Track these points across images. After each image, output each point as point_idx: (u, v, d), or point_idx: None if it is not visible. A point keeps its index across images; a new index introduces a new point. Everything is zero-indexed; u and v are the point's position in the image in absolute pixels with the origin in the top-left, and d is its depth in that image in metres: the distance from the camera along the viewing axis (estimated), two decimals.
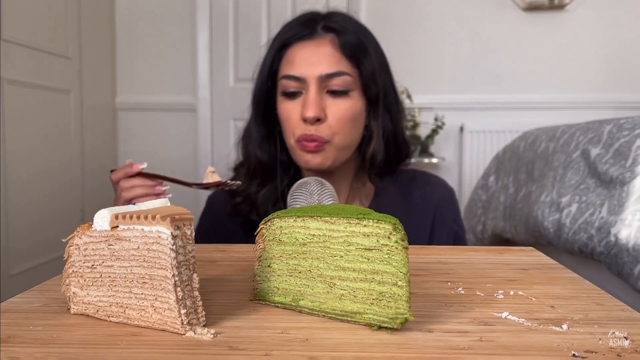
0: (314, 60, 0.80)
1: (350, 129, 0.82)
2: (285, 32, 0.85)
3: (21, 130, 1.99)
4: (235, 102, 2.73)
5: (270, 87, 0.86)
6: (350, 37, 0.82)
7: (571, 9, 2.57)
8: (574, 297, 0.45)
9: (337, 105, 0.80)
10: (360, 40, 0.83)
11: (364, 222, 0.38)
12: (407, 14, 2.62)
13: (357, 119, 0.83)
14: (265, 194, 0.86)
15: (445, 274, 0.52)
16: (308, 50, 0.81)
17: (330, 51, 0.81)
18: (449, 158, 2.64)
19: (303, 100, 0.80)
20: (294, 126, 0.82)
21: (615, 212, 1.09)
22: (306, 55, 0.81)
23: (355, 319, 0.38)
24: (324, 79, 0.80)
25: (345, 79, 0.80)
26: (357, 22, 0.86)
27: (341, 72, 0.80)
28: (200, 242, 0.88)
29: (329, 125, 0.80)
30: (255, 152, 0.88)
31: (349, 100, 0.81)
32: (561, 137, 1.45)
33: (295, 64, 0.81)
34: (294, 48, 0.83)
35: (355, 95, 0.82)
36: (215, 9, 2.71)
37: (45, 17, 2.17)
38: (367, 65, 0.82)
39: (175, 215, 0.36)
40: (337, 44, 0.81)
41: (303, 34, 0.83)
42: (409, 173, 0.94)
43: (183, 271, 0.36)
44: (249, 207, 0.87)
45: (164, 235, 0.35)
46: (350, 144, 0.84)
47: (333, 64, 0.80)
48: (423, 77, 2.56)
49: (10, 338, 0.35)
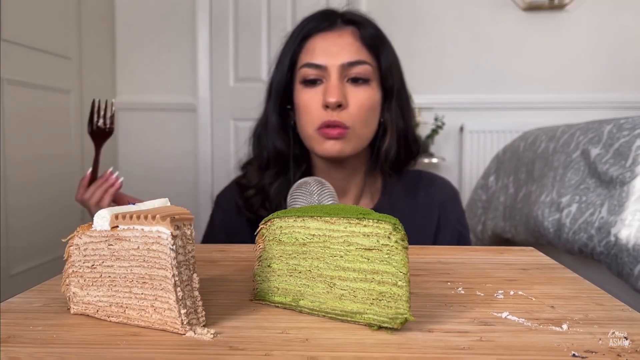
0: (335, 50, 0.83)
1: (369, 118, 0.84)
2: (305, 24, 0.87)
3: (21, 131, 1.99)
4: (235, 102, 2.73)
5: (289, 79, 0.87)
6: (370, 30, 0.85)
7: (571, 9, 2.56)
8: (574, 297, 0.45)
9: (358, 93, 0.82)
10: (379, 32, 0.86)
11: (364, 222, 0.38)
12: (407, 14, 2.62)
13: (375, 110, 0.85)
14: (277, 186, 0.87)
15: (445, 274, 0.52)
16: (329, 40, 0.84)
17: (352, 41, 0.83)
18: (449, 158, 2.64)
19: (324, 87, 0.82)
20: (314, 114, 0.82)
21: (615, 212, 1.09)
22: (327, 45, 0.83)
23: (355, 319, 0.38)
24: (346, 67, 0.82)
25: (366, 68, 0.82)
26: (373, 20, 0.90)
27: (362, 61, 0.82)
28: (214, 241, 0.89)
29: (350, 112, 0.82)
30: (273, 141, 0.88)
31: (369, 90, 0.83)
32: (561, 137, 1.45)
33: (316, 53, 0.83)
34: (315, 39, 0.85)
35: (374, 85, 0.84)
36: (215, 9, 2.71)
37: (45, 17, 2.17)
38: (385, 57, 0.85)
39: (175, 215, 0.36)
40: (358, 35, 0.84)
41: (324, 25, 0.85)
42: (416, 173, 0.95)
43: (183, 271, 0.36)
44: (260, 200, 0.88)
45: (164, 235, 0.35)
46: (368, 134, 0.86)
47: (354, 53, 0.82)
48: (423, 77, 2.57)
49: (10, 338, 0.35)
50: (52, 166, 2.20)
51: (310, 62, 0.83)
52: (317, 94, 0.82)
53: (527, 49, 2.60)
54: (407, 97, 0.91)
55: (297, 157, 0.89)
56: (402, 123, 0.88)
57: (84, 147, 2.44)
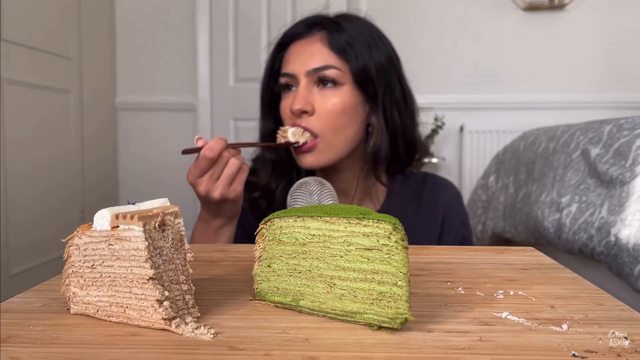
0: (305, 56, 0.84)
1: (341, 123, 0.83)
2: (284, 33, 0.89)
3: (21, 131, 1.99)
4: (235, 102, 2.73)
5: (273, 86, 0.90)
6: (340, 34, 0.84)
7: (571, 9, 2.56)
8: (574, 297, 0.45)
9: (325, 98, 0.82)
10: (350, 36, 0.84)
11: (364, 222, 0.38)
12: (406, 14, 2.62)
13: (349, 114, 0.84)
14: (283, 188, 0.88)
15: (445, 274, 0.52)
16: (301, 47, 0.85)
17: (319, 47, 0.84)
18: (449, 158, 2.64)
19: (293, 95, 0.84)
20: (286, 121, 0.85)
21: (615, 212, 1.09)
22: (299, 52, 0.85)
23: (355, 319, 0.38)
24: (312, 72, 0.83)
25: (333, 72, 0.82)
26: (361, 20, 0.89)
27: (328, 66, 0.83)
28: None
29: (318, 117, 0.82)
30: (266, 149, 0.91)
31: (339, 94, 0.83)
32: (561, 137, 1.45)
33: (289, 61, 0.86)
34: (291, 47, 0.87)
35: (345, 89, 0.83)
36: (215, 9, 2.71)
37: (45, 17, 2.17)
38: (356, 60, 0.83)
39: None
40: (326, 40, 0.84)
41: (298, 32, 0.87)
42: (420, 176, 0.95)
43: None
44: (266, 202, 0.89)
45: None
46: (345, 140, 0.85)
47: (321, 59, 0.83)
48: (423, 77, 2.56)
49: (10, 338, 0.35)
50: (52, 166, 2.20)
51: (283, 72, 0.86)
52: (289, 102, 0.84)
53: (527, 49, 2.60)
54: (406, 96, 0.90)
55: None
56: (399, 122, 0.87)
57: (84, 147, 2.44)
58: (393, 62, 0.88)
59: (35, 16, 2.10)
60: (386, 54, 0.87)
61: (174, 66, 2.77)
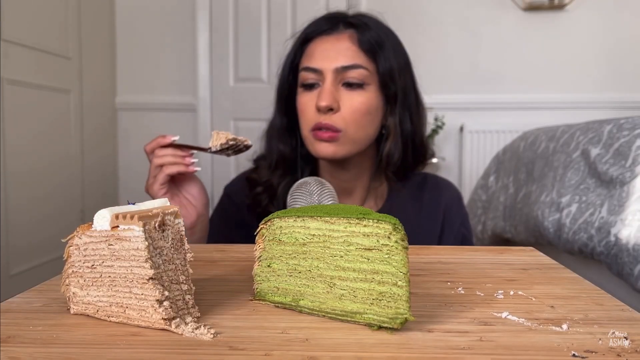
0: (332, 53, 0.83)
1: (364, 122, 0.83)
2: (307, 28, 0.88)
3: (21, 131, 1.99)
4: (235, 102, 2.73)
5: (292, 81, 0.89)
6: (370, 33, 0.84)
7: (571, 9, 2.56)
8: (574, 297, 0.45)
9: (351, 98, 0.82)
10: (379, 37, 0.85)
11: (364, 222, 0.38)
12: (407, 14, 2.62)
13: (372, 114, 0.84)
14: (285, 185, 0.88)
15: (445, 274, 0.52)
16: (328, 44, 0.84)
17: (348, 45, 0.83)
18: (449, 158, 2.64)
19: (319, 91, 0.82)
20: (309, 117, 0.83)
21: (615, 212, 1.09)
22: (325, 49, 0.83)
23: (355, 319, 0.38)
24: (340, 71, 0.82)
25: (360, 72, 0.82)
26: (380, 22, 0.89)
27: (357, 65, 0.82)
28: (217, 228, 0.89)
29: (342, 116, 0.82)
30: (277, 144, 0.90)
31: (364, 94, 0.83)
32: (561, 137, 1.45)
33: (314, 57, 0.84)
34: (315, 42, 0.85)
35: (371, 89, 0.83)
36: (215, 9, 2.71)
37: (45, 17, 2.17)
38: (384, 62, 0.84)
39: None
40: (356, 39, 0.83)
41: (324, 28, 0.85)
42: (420, 176, 0.95)
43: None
44: (268, 197, 0.89)
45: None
46: (364, 138, 0.85)
47: (350, 57, 0.82)
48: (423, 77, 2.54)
49: (10, 338, 0.35)
50: (52, 166, 2.20)
51: (307, 66, 0.84)
52: (313, 98, 0.83)
53: (527, 49, 2.60)
54: (417, 101, 0.90)
55: (305, 156, 0.90)
56: (410, 127, 0.87)
57: (84, 147, 2.44)
58: (409, 67, 0.89)
59: (35, 16, 2.10)
60: (405, 57, 0.88)
61: (174, 66, 2.77)
